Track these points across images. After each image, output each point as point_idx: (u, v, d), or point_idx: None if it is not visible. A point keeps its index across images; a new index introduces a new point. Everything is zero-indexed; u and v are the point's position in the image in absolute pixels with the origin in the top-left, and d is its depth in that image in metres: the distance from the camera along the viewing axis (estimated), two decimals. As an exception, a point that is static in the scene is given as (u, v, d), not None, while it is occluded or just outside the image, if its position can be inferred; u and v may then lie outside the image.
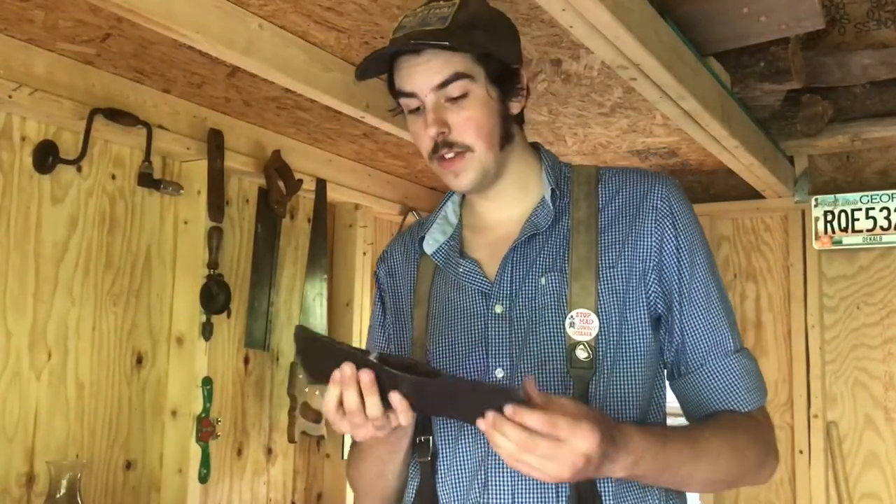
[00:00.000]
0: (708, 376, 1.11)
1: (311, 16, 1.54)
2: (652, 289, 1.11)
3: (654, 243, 1.12)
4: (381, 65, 1.12)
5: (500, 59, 1.12)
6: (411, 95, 1.10)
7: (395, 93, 1.14)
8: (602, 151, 2.56)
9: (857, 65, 2.33)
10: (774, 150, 2.57)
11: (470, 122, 1.09)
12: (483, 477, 1.08)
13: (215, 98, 2.05)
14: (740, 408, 1.10)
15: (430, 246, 1.22)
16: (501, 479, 1.07)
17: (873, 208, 2.62)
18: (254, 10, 1.51)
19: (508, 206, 1.19)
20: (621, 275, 1.11)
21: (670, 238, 1.12)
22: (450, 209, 1.26)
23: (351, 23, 1.58)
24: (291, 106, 2.10)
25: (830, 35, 2.40)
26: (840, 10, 2.34)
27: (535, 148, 1.23)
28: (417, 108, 1.11)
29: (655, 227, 1.12)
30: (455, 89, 1.08)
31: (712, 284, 1.13)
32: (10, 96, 1.66)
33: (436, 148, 1.10)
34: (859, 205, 2.64)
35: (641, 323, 1.10)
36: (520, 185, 1.19)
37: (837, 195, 2.68)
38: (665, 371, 1.16)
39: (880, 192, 2.62)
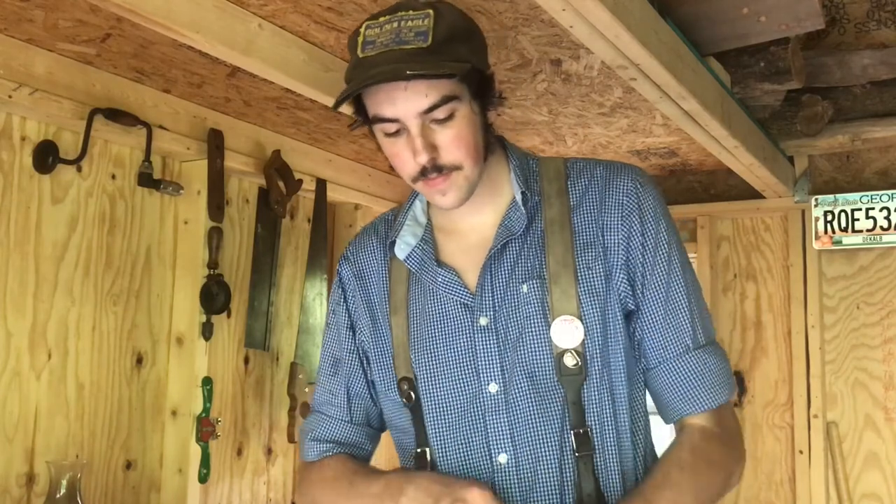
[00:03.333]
0: (665, 375, 1.11)
1: (311, 16, 1.54)
2: (622, 287, 1.10)
3: (621, 240, 1.10)
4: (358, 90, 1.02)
5: (481, 72, 1.07)
6: (393, 121, 1.03)
7: (367, 115, 1.06)
8: (602, 151, 2.56)
9: (857, 65, 2.33)
10: (774, 150, 2.57)
11: (458, 141, 1.04)
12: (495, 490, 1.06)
13: (215, 98, 2.05)
14: (696, 410, 1.10)
15: (401, 250, 1.17)
16: (511, 494, 1.06)
17: (873, 208, 2.62)
18: (254, 10, 1.51)
19: (480, 209, 1.14)
20: (599, 275, 1.09)
21: (636, 234, 1.11)
22: (418, 208, 1.22)
23: (351, 23, 1.58)
24: (291, 106, 2.10)
25: (830, 35, 2.40)
26: (840, 10, 2.34)
27: (500, 142, 1.19)
28: (397, 132, 1.04)
29: (622, 224, 1.11)
30: (441, 112, 1.01)
31: (677, 279, 1.12)
32: (10, 96, 1.66)
33: (423, 171, 1.04)
34: (859, 205, 2.64)
35: (619, 321, 1.10)
36: (491, 186, 1.14)
37: (837, 195, 2.68)
38: None
39: (880, 192, 2.62)
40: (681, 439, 1.10)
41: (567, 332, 1.06)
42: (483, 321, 1.09)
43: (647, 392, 1.16)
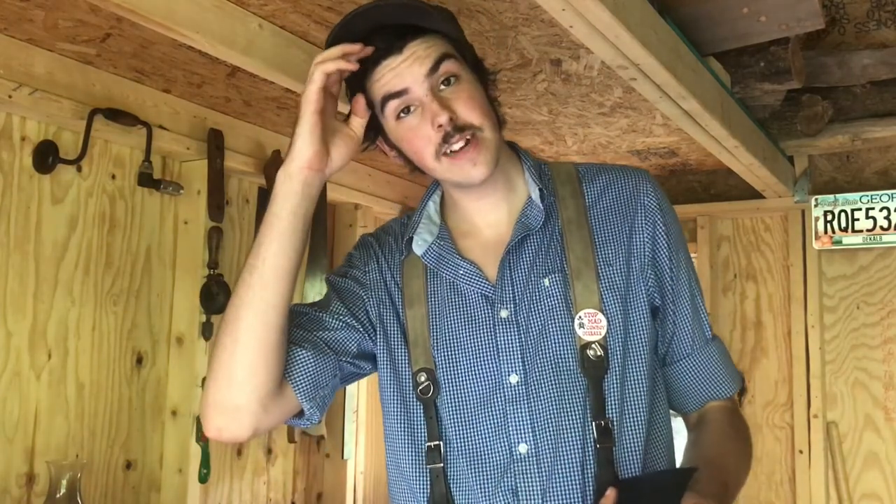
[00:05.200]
0: (693, 365, 1.17)
1: (311, 16, 1.54)
2: (650, 283, 1.14)
3: (647, 239, 1.15)
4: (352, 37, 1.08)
5: (471, 51, 1.14)
6: (403, 93, 1.07)
7: (376, 124, 1.12)
8: (602, 151, 2.56)
9: (857, 65, 2.33)
10: (774, 150, 2.57)
11: (472, 101, 1.08)
12: (512, 482, 1.07)
13: (215, 98, 2.05)
14: (723, 395, 1.19)
15: (419, 246, 1.18)
16: (531, 484, 1.06)
17: (873, 208, 2.62)
18: (254, 10, 1.51)
19: (497, 206, 1.17)
20: (620, 271, 1.12)
21: (661, 233, 1.15)
22: (431, 209, 1.23)
23: (351, 23, 1.58)
24: (291, 106, 2.10)
25: (830, 35, 2.40)
26: (840, 10, 2.34)
27: (511, 146, 1.22)
28: (407, 109, 1.08)
29: (647, 224, 1.15)
30: (445, 71, 1.07)
31: (692, 275, 1.19)
32: (10, 96, 1.66)
33: (446, 138, 1.06)
34: (859, 205, 2.64)
35: (643, 317, 1.12)
36: (507, 183, 1.17)
37: (837, 195, 2.68)
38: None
39: (880, 192, 2.62)
40: (715, 417, 1.17)
41: (591, 325, 1.09)
42: (504, 313, 1.11)
43: (665, 384, 1.19)
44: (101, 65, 1.83)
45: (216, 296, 2.09)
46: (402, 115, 1.09)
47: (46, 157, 1.80)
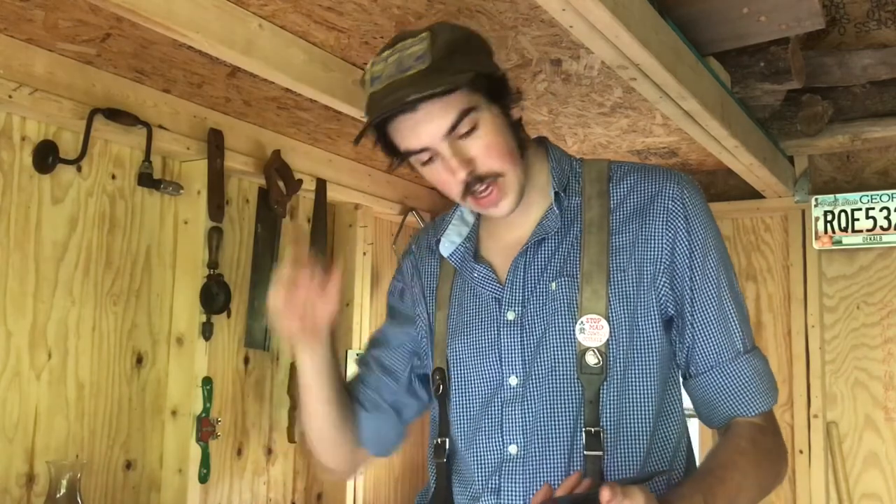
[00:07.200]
0: (718, 379, 1.11)
1: (311, 16, 1.55)
2: (663, 291, 1.10)
3: (665, 245, 1.10)
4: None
5: (488, 75, 1.07)
6: (422, 150, 1.06)
7: (396, 151, 1.09)
8: (602, 151, 2.56)
9: (857, 65, 2.33)
10: (774, 150, 2.57)
11: (490, 149, 1.06)
12: (496, 482, 1.08)
13: (215, 98, 2.05)
14: (749, 412, 1.11)
15: (445, 248, 1.20)
16: (514, 485, 1.07)
17: (873, 208, 2.62)
18: (254, 10, 1.51)
19: (525, 209, 1.15)
20: (632, 278, 1.09)
21: (682, 239, 1.11)
22: (465, 209, 1.24)
23: (351, 23, 1.58)
24: (291, 106, 2.10)
25: (830, 35, 2.40)
26: (840, 10, 2.34)
27: (542, 143, 1.21)
28: (431, 159, 1.07)
29: (667, 229, 1.11)
30: (464, 126, 1.04)
31: (724, 284, 1.12)
32: (10, 96, 1.66)
33: (468, 187, 1.06)
34: (859, 205, 2.64)
35: (653, 326, 1.09)
36: (534, 186, 1.16)
37: (837, 195, 2.68)
38: (678, 372, 1.16)
39: (880, 192, 2.62)
40: (737, 431, 1.11)
41: (592, 331, 1.07)
42: (510, 315, 1.12)
43: (690, 398, 1.16)
44: (101, 65, 1.83)
45: (216, 296, 2.09)
46: (424, 163, 1.09)
47: (46, 157, 1.80)
